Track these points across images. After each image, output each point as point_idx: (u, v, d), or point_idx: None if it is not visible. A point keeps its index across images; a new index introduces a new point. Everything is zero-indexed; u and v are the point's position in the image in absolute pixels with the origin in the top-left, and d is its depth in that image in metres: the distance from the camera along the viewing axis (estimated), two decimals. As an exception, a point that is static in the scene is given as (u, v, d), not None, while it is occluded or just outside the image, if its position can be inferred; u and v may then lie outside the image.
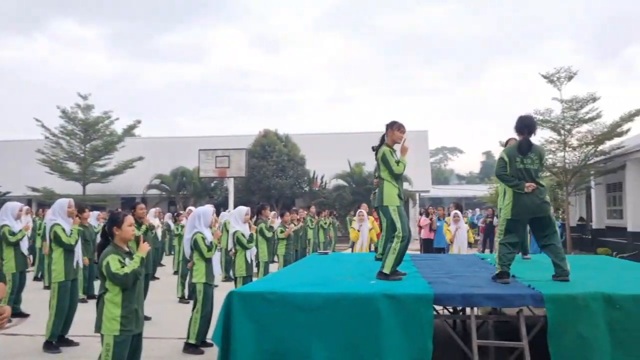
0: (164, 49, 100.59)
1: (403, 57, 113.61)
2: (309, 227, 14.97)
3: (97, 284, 6.16)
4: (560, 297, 4.33)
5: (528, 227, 5.69)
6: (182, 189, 28.78)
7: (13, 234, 7.69)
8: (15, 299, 7.86)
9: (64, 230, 6.34)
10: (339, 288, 4.79)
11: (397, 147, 5.53)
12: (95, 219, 11.19)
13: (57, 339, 6.33)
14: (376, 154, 5.45)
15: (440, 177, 64.48)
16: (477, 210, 29.52)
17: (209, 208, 6.18)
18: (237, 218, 7.42)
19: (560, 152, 17.05)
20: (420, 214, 18.58)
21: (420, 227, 14.65)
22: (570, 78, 16.63)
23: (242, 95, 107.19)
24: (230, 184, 21.30)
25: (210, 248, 6.05)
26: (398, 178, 5.37)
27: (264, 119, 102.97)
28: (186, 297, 9.41)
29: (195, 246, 6.05)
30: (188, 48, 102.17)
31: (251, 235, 7.51)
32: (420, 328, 4.35)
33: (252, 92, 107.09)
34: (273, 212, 14.69)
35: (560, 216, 17.76)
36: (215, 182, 27.80)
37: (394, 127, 5.49)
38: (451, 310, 6.07)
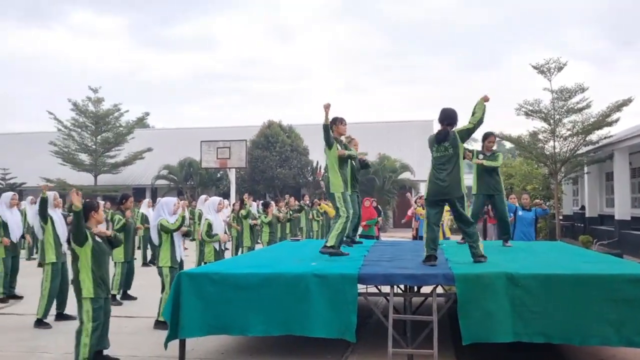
0: (178, 39, 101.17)
1: (411, 46, 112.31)
2: (300, 215, 15.48)
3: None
4: (469, 276, 4.83)
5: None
6: (189, 180, 29.56)
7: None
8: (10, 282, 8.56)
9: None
10: (277, 269, 5.34)
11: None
12: None
13: (56, 316, 7.03)
14: None
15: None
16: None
17: (170, 198, 6.74)
18: (209, 208, 7.95)
19: (550, 141, 17.29)
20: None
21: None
22: (560, 69, 16.79)
23: (249, 85, 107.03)
24: (231, 175, 21.93)
25: (177, 226, 6.51)
26: (339, 165, 6.10)
27: (270, 108, 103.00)
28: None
29: (161, 229, 6.48)
30: (199, 38, 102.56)
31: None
32: (345, 304, 4.90)
33: (260, 82, 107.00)
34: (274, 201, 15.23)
35: (549, 204, 18.03)
36: (221, 172, 28.48)
37: (337, 122, 6.33)
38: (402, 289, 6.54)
